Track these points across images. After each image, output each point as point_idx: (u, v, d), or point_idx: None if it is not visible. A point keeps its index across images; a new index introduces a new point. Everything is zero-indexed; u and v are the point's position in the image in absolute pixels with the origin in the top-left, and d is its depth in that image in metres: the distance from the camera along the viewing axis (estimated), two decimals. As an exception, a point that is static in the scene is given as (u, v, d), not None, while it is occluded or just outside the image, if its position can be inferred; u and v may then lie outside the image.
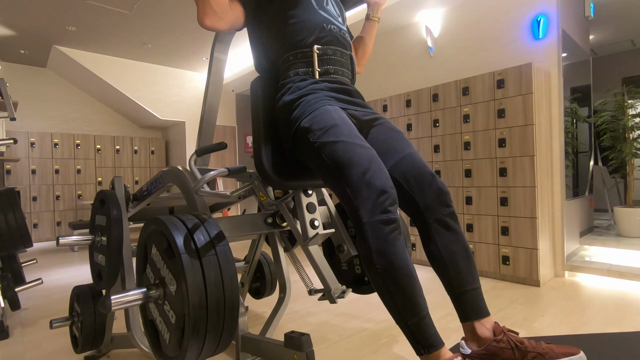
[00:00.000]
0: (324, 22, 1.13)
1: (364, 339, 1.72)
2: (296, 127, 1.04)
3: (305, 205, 1.15)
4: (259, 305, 2.24)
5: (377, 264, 0.86)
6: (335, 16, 1.20)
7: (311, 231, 1.13)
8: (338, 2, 1.28)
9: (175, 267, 0.87)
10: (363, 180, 0.89)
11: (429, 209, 1.00)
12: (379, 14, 1.41)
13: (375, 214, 0.86)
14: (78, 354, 1.64)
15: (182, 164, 6.09)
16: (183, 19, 4.10)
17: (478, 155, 2.76)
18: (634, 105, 3.43)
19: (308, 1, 1.14)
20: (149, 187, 1.49)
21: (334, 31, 1.15)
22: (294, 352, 1.11)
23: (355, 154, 0.93)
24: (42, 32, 4.32)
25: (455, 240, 1.00)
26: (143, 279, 1.03)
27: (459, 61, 3.29)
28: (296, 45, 1.11)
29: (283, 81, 1.13)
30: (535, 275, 2.47)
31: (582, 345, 1.45)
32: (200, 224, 0.92)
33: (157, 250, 0.95)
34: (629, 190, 3.42)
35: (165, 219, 0.92)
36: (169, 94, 5.76)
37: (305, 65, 1.10)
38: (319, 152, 0.97)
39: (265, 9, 1.14)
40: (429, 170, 1.04)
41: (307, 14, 1.12)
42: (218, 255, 0.89)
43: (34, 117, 5.48)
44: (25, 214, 4.87)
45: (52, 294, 2.66)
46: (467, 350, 0.95)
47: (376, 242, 0.86)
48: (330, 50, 1.12)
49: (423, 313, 0.86)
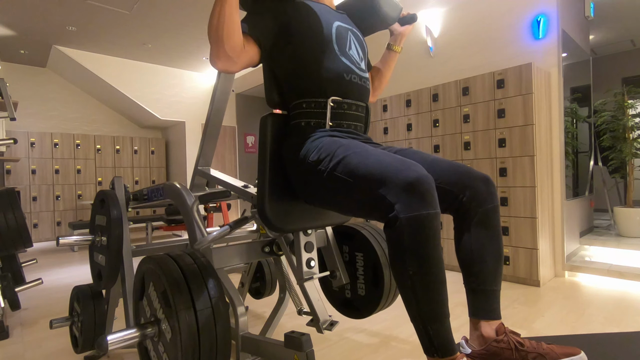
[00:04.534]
0: (344, 72, 1.05)
1: (364, 339, 1.72)
2: (304, 165, 0.99)
3: (303, 245, 1.15)
4: (259, 305, 2.24)
5: (410, 267, 0.77)
6: (358, 61, 1.11)
7: (307, 272, 1.14)
8: (361, 42, 1.17)
9: (171, 316, 0.89)
10: (390, 173, 0.80)
11: (475, 199, 0.94)
12: (401, 44, 1.33)
13: (413, 207, 0.76)
14: (78, 354, 1.64)
15: (182, 164, 6.09)
16: (183, 19, 4.10)
17: (478, 155, 2.76)
18: (634, 105, 3.43)
19: (329, 45, 1.05)
20: (150, 193, 1.48)
21: (354, 81, 1.07)
22: (294, 352, 1.11)
23: (370, 156, 0.87)
24: (42, 32, 4.32)
25: (492, 238, 0.96)
26: (139, 308, 1.06)
27: (459, 61, 3.29)
28: (311, 94, 1.04)
29: (292, 125, 1.08)
30: (535, 275, 2.47)
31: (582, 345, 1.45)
32: (198, 274, 0.93)
33: (154, 291, 0.96)
34: (629, 190, 3.42)
35: (162, 263, 0.93)
36: (169, 94, 5.76)
37: (317, 117, 1.04)
38: (333, 176, 0.91)
39: (282, 49, 1.05)
40: (464, 165, 0.99)
41: (327, 60, 1.04)
42: (213, 308, 0.90)
43: (34, 117, 5.48)
44: (25, 214, 4.87)
45: (52, 294, 2.66)
46: (467, 350, 0.95)
47: (413, 242, 0.76)
48: (346, 104, 1.06)
49: (446, 319, 0.82)
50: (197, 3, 3.77)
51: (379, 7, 1.20)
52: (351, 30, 1.14)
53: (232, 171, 6.71)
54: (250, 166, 6.87)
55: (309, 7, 1.08)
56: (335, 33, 1.08)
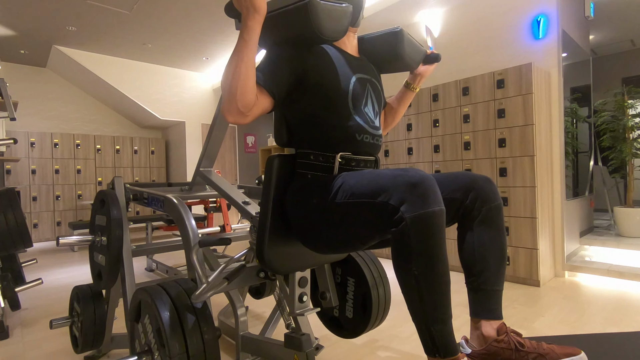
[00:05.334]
0: (357, 132, 1.03)
1: (364, 339, 1.72)
2: (307, 208, 0.99)
3: (297, 280, 1.17)
4: (259, 305, 2.24)
5: (416, 267, 0.77)
6: (372, 119, 1.08)
7: (298, 306, 1.17)
8: (379, 94, 1.14)
9: (164, 351, 0.92)
10: (390, 180, 0.81)
11: (480, 198, 0.94)
12: (420, 85, 1.31)
13: (417, 206, 0.76)
14: (78, 354, 1.64)
15: (182, 164, 6.10)
16: (183, 19, 4.10)
17: (478, 155, 2.76)
18: (634, 105, 3.43)
19: (344, 102, 1.02)
20: (150, 199, 1.47)
21: (366, 141, 1.05)
22: (294, 352, 1.12)
23: (365, 175, 0.87)
24: (42, 32, 4.32)
25: (495, 238, 0.96)
26: (135, 330, 1.08)
27: (459, 61, 3.29)
28: (320, 148, 1.03)
29: (299, 173, 1.07)
30: (535, 275, 2.47)
31: (582, 345, 1.45)
32: (195, 320, 0.96)
33: (150, 324, 0.99)
34: (629, 190, 3.42)
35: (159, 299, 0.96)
36: (169, 94, 5.76)
37: (324, 171, 1.03)
38: (334, 206, 0.91)
39: (296, 99, 1.03)
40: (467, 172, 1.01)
41: (340, 119, 1.02)
42: (204, 340, 0.94)
43: (34, 117, 5.48)
44: (25, 214, 4.87)
45: (52, 294, 2.66)
46: (467, 350, 0.95)
47: (419, 242, 0.76)
48: (355, 161, 1.04)
49: (449, 320, 0.83)
50: (198, 3, 3.77)
51: (403, 53, 1.15)
52: (370, 81, 1.10)
53: (232, 171, 6.71)
54: (250, 166, 6.87)
55: (329, 58, 1.03)
56: (352, 89, 1.04)
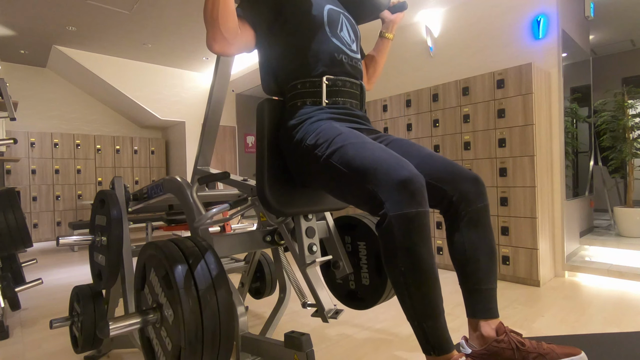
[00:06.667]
0: (335, 52, 1.09)
1: (364, 338, 1.72)
2: (301, 148, 1.01)
3: (304, 230, 1.15)
4: (259, 305, 2.24)
5: (402, 263, 0.79)
6: (349, 43, 1.15)
7: (309, 257, 1.14)
8: (353, 25, 1.22)
9: (173, 298, 0.88)
10: (383, 170, 0.82)
11: (465, 199, 0.95)
12: (393, 32, 1.36)
13: (402, 205, 0.78)
14: (78, 354, 1.64)
15: (182, 164, 6.09)
16: (183, 19, 4.10)
17: (478, 155, 2.76)
18: (634, 105, 3.43)
19: (321, 28, 1.10)
20: (150, 191, 1.48)
21: (345, 61, 1.11)
22: (294, 352, 1.11)
23: (367, 149, 0.89)
24: (42, 32, 4.32)
25: (483, 237, 0.96)
26: (141, 297, 1.05)
27: (459, 61, 3.29)
28: (305, 74, 1.08)
29: (289, 107, 1.10)
30: (535, 275, 2.47)
31: (582, 345, 1.45)
32: (200, 256, 0.92)
33: (156, 276, 0.96)
34: (629, 190, 3.42)
35: (164, 247, 0.93)
36: (169, 94, 5.76)
37: (313, 96, 1.07)
38: (329, 163, 0.93)
39: (276, 33, 1.10)
40: (457, 164, 1.00)
41: (319, 42, 1.08)
42: (215, 289, 0.89)
43: (34, 117, 5.48)
44: (25, 214, 4.87)
45: (52, 294, 2.66)
46: (467, 350, 0.95)
47: (403, 239, 0.78)
48: (340, 81, 1.09)
49: (440, 316, 0.83)
50: (198, 3, 3.77)
51: None
52: (343, 13, 1.18)
53: (232, 171, 6.71)
54: (250, 166, 6.87)
55: None
56: (327, 15, 1.11)
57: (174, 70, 5.81)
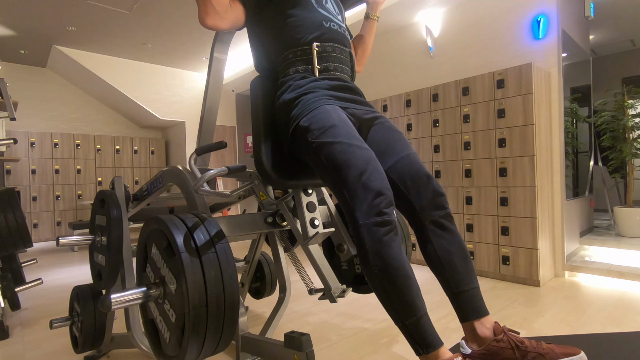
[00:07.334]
0: (323, 20, 1.14)
1: (364, 339, 1.72)
2: (295, 125, 1.05)
3: (305, 205, 1.16)
4: (259, 305, 2.24)
5: (374, 265, 0.87)
6: (335, 14, 1.21)
7: (311, 230, 1.14)
8: (337, 1, 1.29)
9: (175, 266, 0.87)
10: (359, 182, 0.89)
11: (424, 211, 1.01)
12: (378, 12, 1.41)
13: (370, 215, 0.87)
14: (78, 354, 1.64)
15: (182, 164, 6.08)
16: (183, 19, 4.10)
17: (478, 155, 2.76)
18: (634, 105, 3.43)
19: (307, 0, 1.15)
20: (149, 187, 1.49)
21: (333, 28, 1.16)
22: (294, 352, 1.11)
23: (353, 155, 0.93)
24: (42, 32, 4.32)
25: (452, 240, 1.00)
26: (143, 278, 1.03)
27: (459, 61, 3.29)
28: (295, 43, 1.11)
29: (283, 79, 1.13)
30: (535, 275, 2.47)
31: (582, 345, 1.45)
32: (200, 223, 0.92)
33: (157, 250, 0.95)
34: (629, 190, 3.42)
35: (165, 218, 0.93)
36: (169, 94, 5.76)
37: (305, 63, 1.11)
38: (317, 152, 0.98)
39: (264, 8, 1.15)
40: (426, 172, 1.04)
41: (306, 12, 1.13)
42: (218, 254, 0.89)
43: (34, 117, 5.48)
44: (25, 214, 4.87)
45: (52, 294, 2.66)
46: (467, 350, 0.95)
47: (372, 244, 0.86)
48: (330, 47, 1.13)
49: (420, 313, 0.86)
50: (197, 3, 3.77)
51: None
52: None
53: (232, 171, 6.70)
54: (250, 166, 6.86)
55: None
56: None
57: (174, 70, 5.81)
